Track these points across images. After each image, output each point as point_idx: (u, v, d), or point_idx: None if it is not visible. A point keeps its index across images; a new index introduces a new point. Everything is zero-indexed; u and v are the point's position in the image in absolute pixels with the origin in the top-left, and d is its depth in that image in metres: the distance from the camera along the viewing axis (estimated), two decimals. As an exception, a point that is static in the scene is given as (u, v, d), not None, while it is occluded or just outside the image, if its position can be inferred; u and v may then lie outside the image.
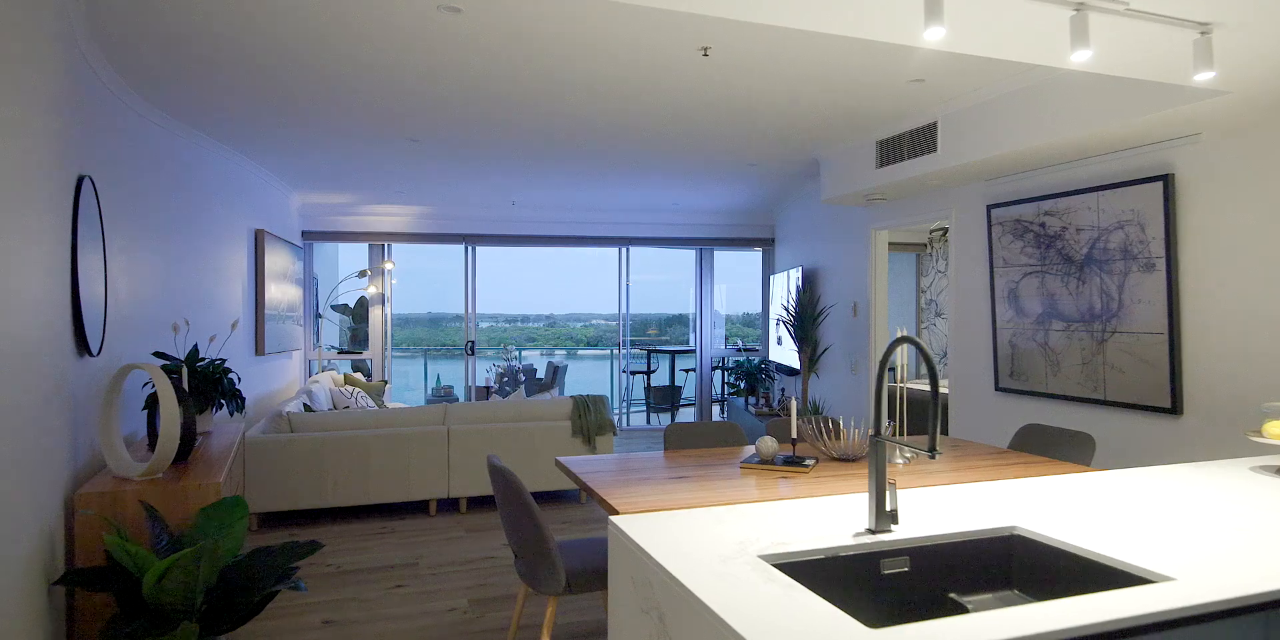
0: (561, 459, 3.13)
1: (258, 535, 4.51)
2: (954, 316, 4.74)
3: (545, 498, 5.30)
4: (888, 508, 1.67)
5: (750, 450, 3.35)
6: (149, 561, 2.17)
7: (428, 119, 4.36)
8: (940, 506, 1.90)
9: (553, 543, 2.46)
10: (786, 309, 6.12)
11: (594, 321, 19.20)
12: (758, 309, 9.19)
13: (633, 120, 4.37)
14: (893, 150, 4.47)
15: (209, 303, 4.80)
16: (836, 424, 3.66)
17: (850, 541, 1.62)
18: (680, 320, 14.87)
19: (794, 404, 3.00)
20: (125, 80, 3.59)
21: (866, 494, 2.06)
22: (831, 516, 1.81)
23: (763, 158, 5.44)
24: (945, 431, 4.98)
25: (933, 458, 1.49)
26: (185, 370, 3.55)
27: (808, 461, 2.97)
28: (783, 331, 7.22)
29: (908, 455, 3.11)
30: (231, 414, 3.89)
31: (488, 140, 4.90)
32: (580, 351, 17.93)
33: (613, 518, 1.77)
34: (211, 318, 4.77)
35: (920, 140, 4.22)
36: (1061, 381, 3.88)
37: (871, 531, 1.67)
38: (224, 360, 3.93)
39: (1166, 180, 3.33)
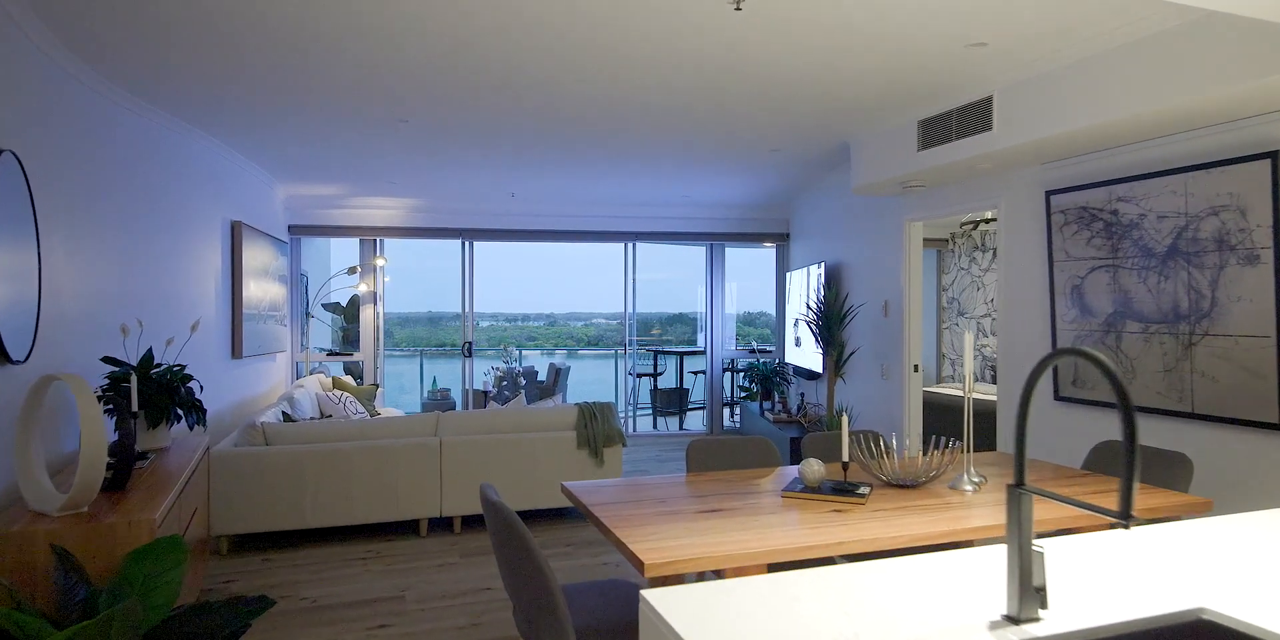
0: (569, 485, 2.66)
1: (227, 561, 4.04)
2: (1003, 316, 4.26)
3: (547, 516, 4.83)
4: (1034, 584, 1.20)
5: (788, 473, 2.88)
6: (44, 633, 1.70)
7: (417, 93, 3.88)
8: (1075, 567, 1.42)
9: (560, 596, 1.98)
10: (810, 308, 5.65)
11: (594, 320, 18.70)
12: (758, 307, 8.72)
13: (648, 95, 3.89)
14: (938, 130, 3.99)
15: (175, 301, 4.32)
16: (884, 441, 3.18)
17: (986, 637, 1.14)
18: (682, 319, 14.39)
19: (845, 418, 2.52)
20: (66, 45, 3.11)
21: (970, 548, 1.58)
22: (942, 586, 1.33)
23: (787, 142, 4.96)
24: (993, 446, 4.50)
25: (1127, 528, 1.01)
26: (134, 378, 3.08)
27: (861, 489, 2.50)
28: (802, 332, 6.74)
29: (975, 480, 2.64)
30: (191, 428, 3.42)
31: (483, 120, 4.42)
32: (580, 351, 17.45)
33: (647, 594, 1.29)
34: (177, 318, 4.30)
35: (972, 117, 3.74)
36: (1138, 391, 3.41)
37: (1013, 620, 1.19)
38: (183, 367, 3.46)
39: (1275, 157, 2.85)
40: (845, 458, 2.53)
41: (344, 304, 9.53)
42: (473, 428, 4.61)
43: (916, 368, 5.06)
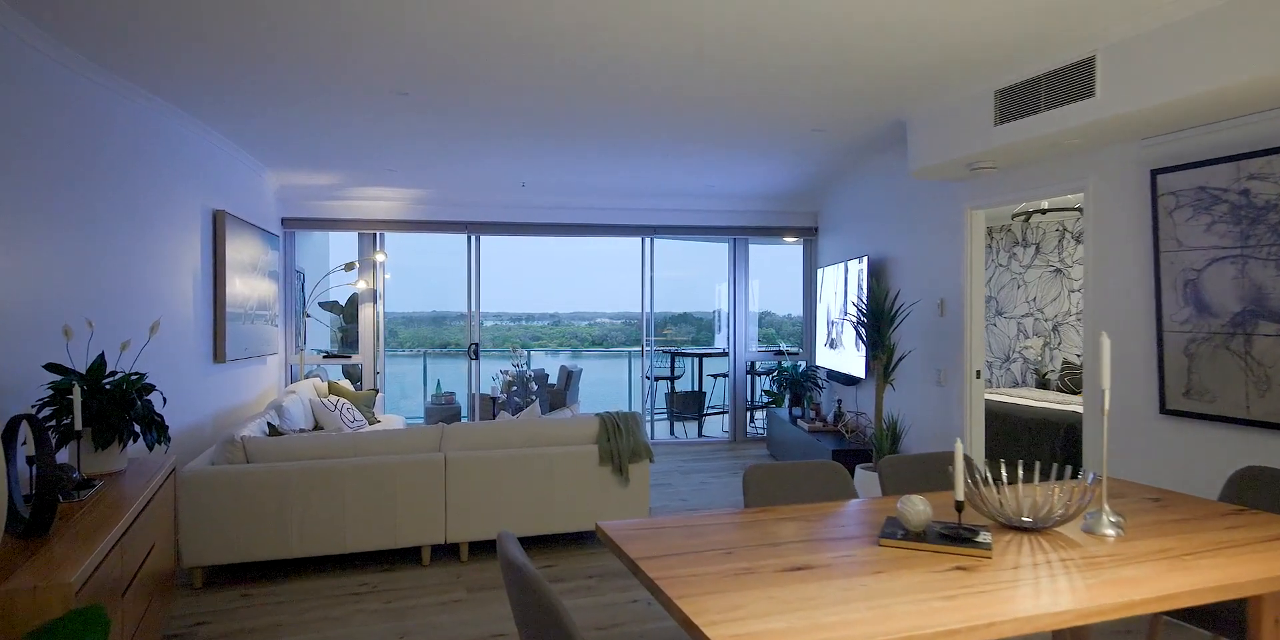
0: (606, 527, 2.13)
1: (200, 597, 3.51)
2: (1091, 315, 3.71)
3: (566, 541, 4.30)
4: None
5: (866, 508, 2.33)
6: None
7: (417, 59, 3.35)
8: None
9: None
10: (856, 307, 5.11)
11: (599, 320, 18.17)
12: (764, 306, 8.16)
13: (681, 64, 3.36)
14: (1021, 100, 3.45)
15: (142, 299, 3.80)
16: (982, 469, 2.63)
17: None
18: (687, 319, 13.88)
19: (959, 444, 1.98)
20: (8, 2, 2.59)
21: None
22: None
23: (834, 120, 4.42)
24: (1076, 463, 3.96)
25: None
26: (78, 389, 2.56)
27: (981, 535, 1.96)
28: (839, 334, 6.20)
29: (1114, 520, 2.10)
30: (151, 447, 2.89)
31: (490, 92, 3.88)
32: (586, 352, 16.91)
33: None
34: (144, 318, 3.78)
35: (1066, 83, 3.20)
36: (1275, 404, 2.86)
37: None
38: (141, 375, 2.93)
39: None
40: (959, 496, 1.98)
41: (343, 303, 9.03)
42: (481, 442, 4.08)
43: (979, 374, 4.51)
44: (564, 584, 3.66)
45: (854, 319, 5.20)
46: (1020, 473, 2.31)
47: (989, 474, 2.32)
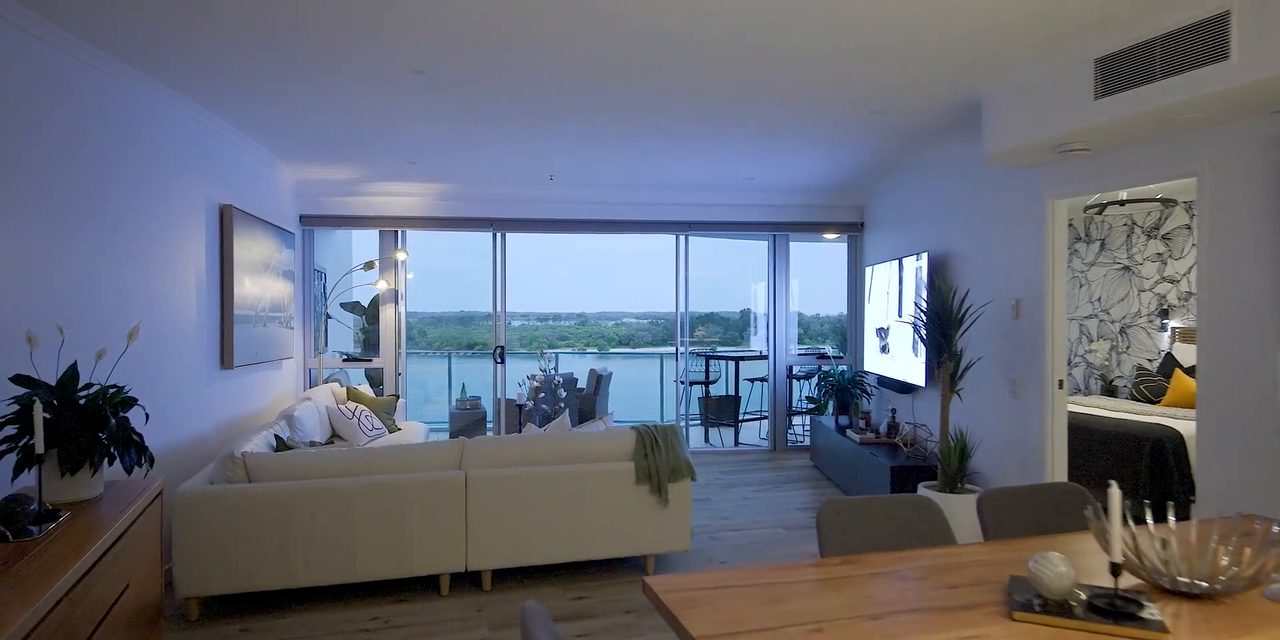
0: (654, 585, 1.71)
1: (195, 631, 3.16)
2: (1206, 317, 3.22)
3: (599, 569, 3.88)
4: None
5: (963, 559, 1.88)
6: None
7: (434, 28, 2.96)
8: None
9: None
10: (920, 308, 4.63)
11: (625, 320, 17.81)
12: (787, 306, 7.65)
13: (732, 28, 2.93)
14: (1130, 68, 2.96)
15: (140, 301, 3.46)
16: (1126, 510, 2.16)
17: None
18: (713, 318, 13.47)
19: (1116, 491, 1.53)
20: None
21: None
22: None
23: (895, 101, 3.95)
24: (1190, 488, 3.46)
25: None
26: (39, 406, 2.21)
27: (1148, 609, 1.51)
28: (894, 338, 5.72)
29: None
30: (129, 470, 2.53)
31: (515, 69, 3.48)
32: (613, 351, 16.50)
33: None
34: (135, 323, 3.43)
35: (1190, 45, 2.72)
36: None
37: None
38: (120, 388, 2.57)
39: None
40: (1117, 556, 1.53)
41: (365, 303, 8.72)
42: (506, 458, 3.68)
43: (1061, 384, 4.02)
44: (596, 621, 3.25)
45: (915, 321, 4.72)
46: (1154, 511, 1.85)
47: (1130, 515, 1.86)
